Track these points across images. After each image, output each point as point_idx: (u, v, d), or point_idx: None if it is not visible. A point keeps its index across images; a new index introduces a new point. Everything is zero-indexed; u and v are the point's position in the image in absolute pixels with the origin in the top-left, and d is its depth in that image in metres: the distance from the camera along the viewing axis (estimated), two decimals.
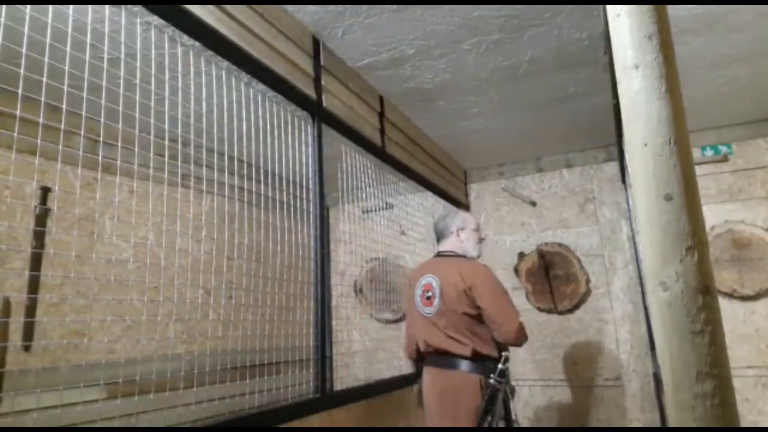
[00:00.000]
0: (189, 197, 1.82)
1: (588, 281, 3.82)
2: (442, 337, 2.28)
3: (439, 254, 2.54)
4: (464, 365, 2.21)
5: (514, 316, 2.21)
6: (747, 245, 3.36)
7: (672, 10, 2.15)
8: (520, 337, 2.20)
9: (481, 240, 2.54)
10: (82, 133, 1.41)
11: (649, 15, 1.02)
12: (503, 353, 2.22)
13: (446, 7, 2.12)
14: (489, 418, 2.09)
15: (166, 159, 1.71)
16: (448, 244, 2.50)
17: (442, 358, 2.28)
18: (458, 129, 3.44)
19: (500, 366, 2.18)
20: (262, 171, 2.24)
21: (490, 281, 2.28)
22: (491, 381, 2.15)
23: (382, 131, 2.82)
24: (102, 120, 1.46)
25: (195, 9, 1.62)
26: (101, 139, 1.45)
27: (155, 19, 1.57)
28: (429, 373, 2.35)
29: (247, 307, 2.27)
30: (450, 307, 2.27)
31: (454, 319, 2.26)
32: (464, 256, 2.45)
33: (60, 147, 1.39)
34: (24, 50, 1.30)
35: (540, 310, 3.91)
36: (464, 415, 2.14)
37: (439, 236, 2.55)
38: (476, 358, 2.20)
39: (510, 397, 2.23)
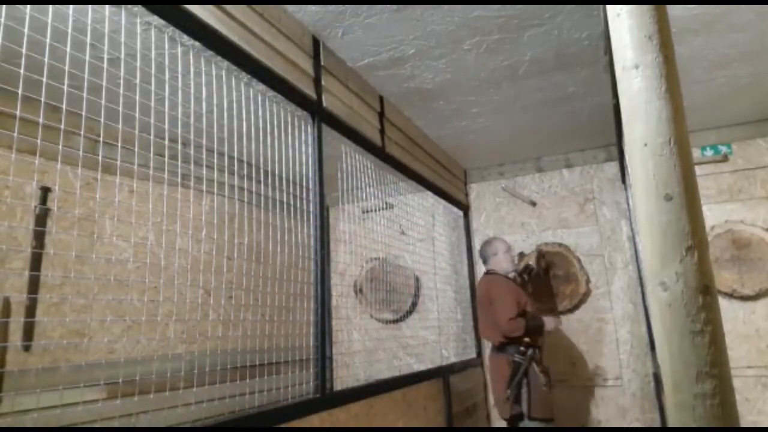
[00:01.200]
0: (189, 197, 1.82)
1: (588, 281, 3.82)
2: (486, 332, 3.29)
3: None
4: (497, 350, 3.12)
5: (504, 315, 2.99)
6: (747, 245, 3.36)
7: (672, 10, 2.15)
8: (506, 331, 2.99)
9: (513, 258, 3.39)
10: (82, 133, 1.41)
11: (649, 15, 1.02)
12: (525, 339, 2.99)
13: (446, 7, 2.12)
14: (514, 383, 2.95)
15: (166, 159, 1.70)
16: (489, 265, 3.36)
17: (491, 347, 3.24)
18: (458, 129, 3.44)
19: (521, 348, 3.00)
20: (262, 171, 2.24)
21: (494, 288, 3.15)
22: (515, 359, 3.00)
23: (382, 131, 2.82)
24: (102, 120, 1.46)
25: (195, 9, 1.62)
26: (101, 139, 1.45)
27: (155, 19, 1.57)
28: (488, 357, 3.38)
29: (247, 307, 2.26)
30: (485, 311, 3.21)
31: (488, 320, 3.19)
32: (495, 272, 3.28)
33: (60, 147, 1.39)
34: (24, 50, 1.30)
35: (540, 310, 3.90)
36: (500, 382, 3.04)
37: (485, 260, 3.41)
38: (503, 345, 3.07)
39: (536, 372, 2.99)
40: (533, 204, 4.13)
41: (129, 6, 1.55)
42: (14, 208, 2.49)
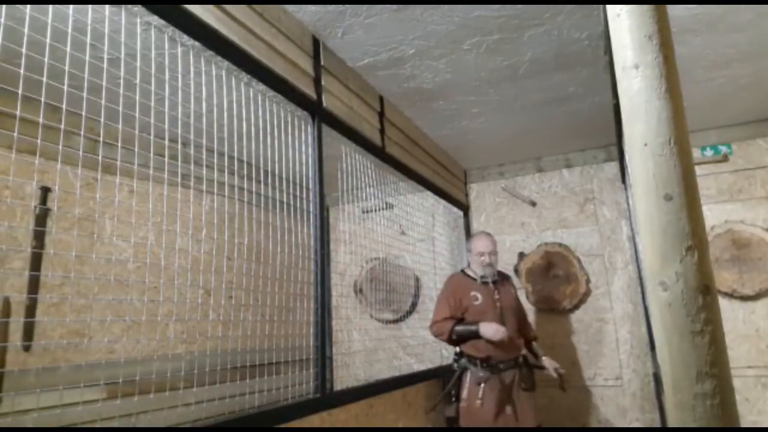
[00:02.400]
0: (189, 197, 1.82)
1: (588, 281, 3.82)
2: None
3: None
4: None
5: (434, 316, 2.96)
6: (747, 245, 3.36)
7: (672, 10, 2.15)
8: (432, 332, 2.96)
9: (487, 264, 2.99)
10: (82, 133, 1.41)
11: (649, 15, 1.02)
12: (458, 347, 2.94)
13: (446, 7, 2.12)
14: (447, 388, 2.90)
15: (166, 159, 1.70)
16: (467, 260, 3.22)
17: None
18: (458, 129, 3.44)
19: (455, 356, 2.97)
20: (262, 171, 2.24)
21: (444, 286, 3.07)
22: (452, 366, 2.96)
23: (382, 131, 2.82)
24: (102, 120, 1.46)
25: (195, 9, 1.61)
26: (101, 139, 1.45)
27: (155, 19, 1.57)
28: None
29: (247, 307, 2.26)
30: None
31: None
32: (463, 271, 3.12)
33: (60, 147, 1.39)
34: (24, 50, 1.30)
35: (540, 310, 3.91)
36: None
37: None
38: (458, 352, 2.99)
39: (468, 382, 2.85)
40: (533, 204, 4.13)
41: (129, 6, 1.55)
42: (14, 208, 2.49)
